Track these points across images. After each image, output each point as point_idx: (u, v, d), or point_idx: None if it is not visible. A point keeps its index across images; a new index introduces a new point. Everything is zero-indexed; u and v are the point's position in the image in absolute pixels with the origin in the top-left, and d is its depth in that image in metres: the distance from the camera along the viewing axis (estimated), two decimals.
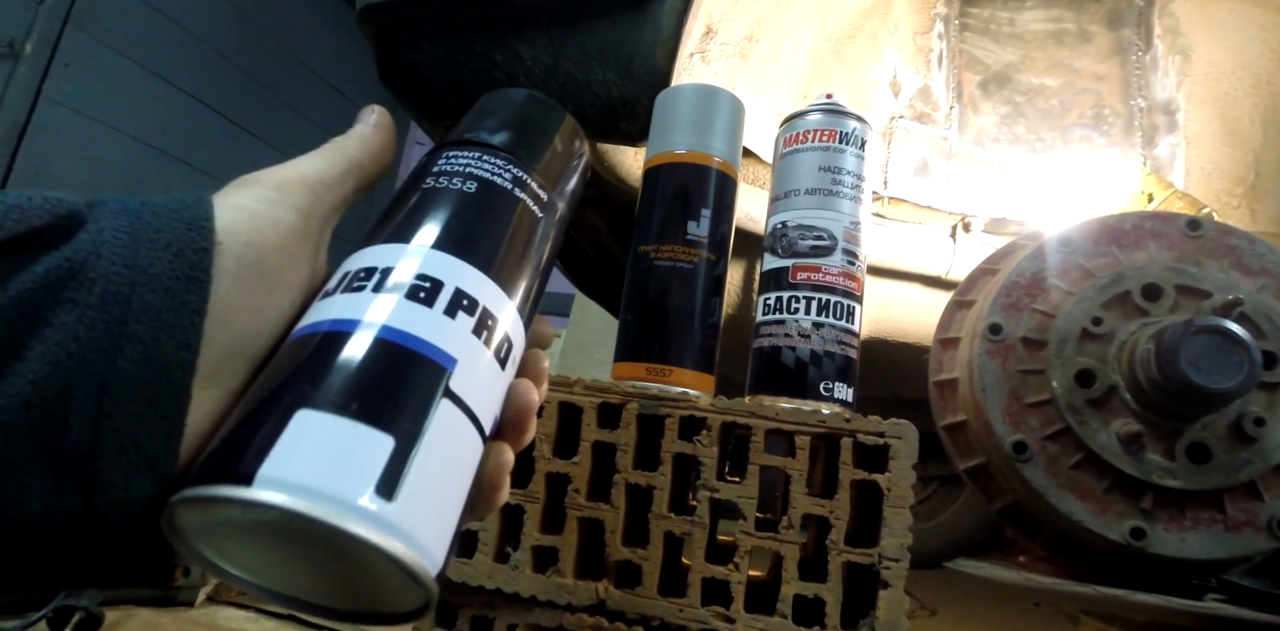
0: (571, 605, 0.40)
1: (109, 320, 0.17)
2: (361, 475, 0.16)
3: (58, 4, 1.71)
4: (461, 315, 0.20)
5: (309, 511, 0.15)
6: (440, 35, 0.64)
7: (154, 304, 0.17)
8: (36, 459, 0.16)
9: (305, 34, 2.47)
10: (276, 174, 0.22)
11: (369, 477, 0.16)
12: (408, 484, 0.17)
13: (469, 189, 0.23)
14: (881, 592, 0.37)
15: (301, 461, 0.16)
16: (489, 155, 0.24)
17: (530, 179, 0.24)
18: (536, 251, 0.24)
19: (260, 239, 0.20)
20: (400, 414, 0.17)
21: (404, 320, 0.19)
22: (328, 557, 0.17)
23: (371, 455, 0.16)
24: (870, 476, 0.39)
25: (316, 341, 0.18)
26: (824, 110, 0.50)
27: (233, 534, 0.17)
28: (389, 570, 0.16)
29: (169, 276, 0.18)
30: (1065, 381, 0.59)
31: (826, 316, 0.46)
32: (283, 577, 0.19)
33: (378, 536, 0.16)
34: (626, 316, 0.46)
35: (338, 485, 0.16)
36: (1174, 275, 0.60)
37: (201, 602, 0.62)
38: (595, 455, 0.42)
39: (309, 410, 0.17)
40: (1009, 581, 1.45)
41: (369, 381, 0.18)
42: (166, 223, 0.19)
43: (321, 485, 0.16)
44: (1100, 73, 0.98)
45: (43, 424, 0.16)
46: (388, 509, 0.16)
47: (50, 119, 1.72)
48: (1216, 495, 0.56)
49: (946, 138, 0.98)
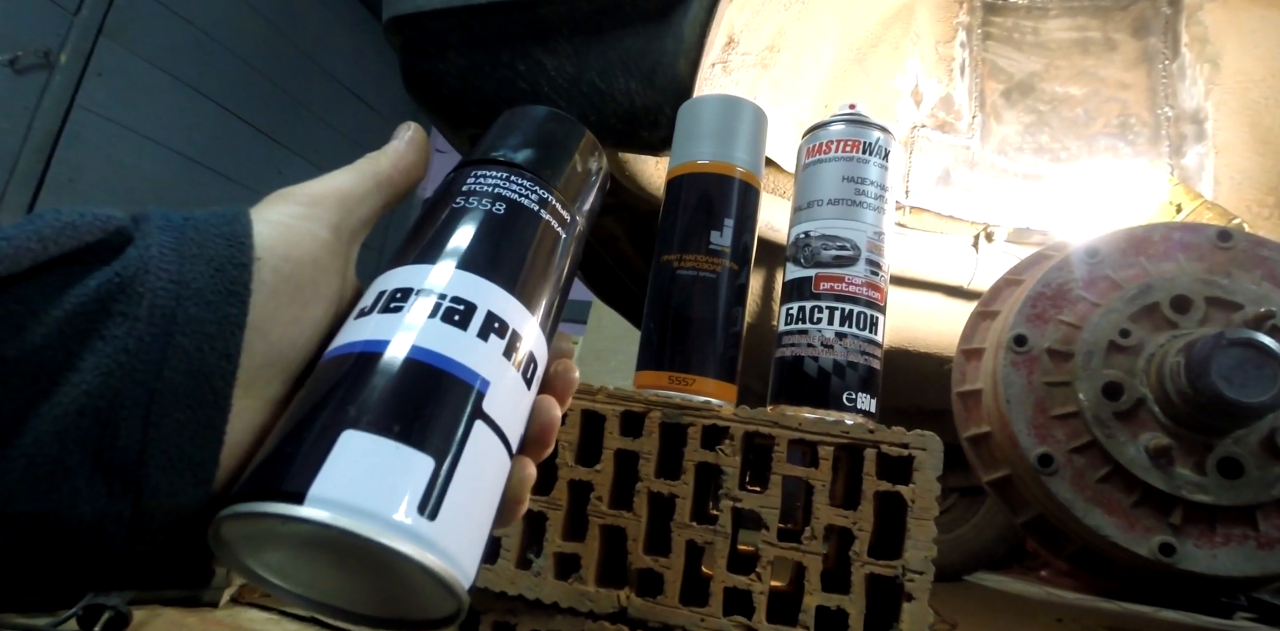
0: (593, 612, 0.40)
1: (156, 333, 0.18)
2: (405, 494, 0.17)
3: (92, 15, 1.76)
4: (493, 337, 0.20)
5: (357, 529, 0.16)
6: (465, 45, 0.65)
7: (197, 317, 0.18)
8: (89, 464, 0.17)
9: (331, 44, 2.51)
10: (310, 189, 0.23)
11: (412, 497, 0.17)
12: (447, 502, 0.17)
13: (498, 211, 0.23)
14: (905, 605, 0.37)
15: (348, 480, 0.17)
16: (516, 175, 0.24)
17: (553, 198, 0.25)
18: (558, 269, 0.25)
19: (295, 254, 0.21)
20: (438, 435, 0.18)
21: (439, 342, 0.19)
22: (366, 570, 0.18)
23: (414, 476, 0.17)
24: (894, 487, 0.39)
25: (353, 361, 0.19)
26: (847, 121, 0.50)
27: (275, 545, 0.18)
28: (426, 582, 0.17)
29: (211, 290, 0.19)
30: (1092, 394, 0.58)
31: (849, 327, 0.45)
32: (319, 585, 0.19)
33: (419, 553, 0.16)
34: (649, 325, 0.46)
35: (383, 504, 0.16)
36: (1204, 287, 0.59)
37: (226, 604, 0.63)
38: (618, 463, 0.42)
39: (354, 431, 0.17)
40: (1031, 596, 1.43)
41: (408, 403, 0.18)
42: (209, 238, 0.20)
43: (368, 504, 0.16)
44: (1126, 81, 0.97)
45: (94, 431, 0.17)
46: (428, 527, 0.17)
47: (83, 127, 1.76)
48: (1249, 511, 0.55)
49: (969, 147, 0.98)
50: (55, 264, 0.18)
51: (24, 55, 1.62)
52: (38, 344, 0.17)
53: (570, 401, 0.26)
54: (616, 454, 0.42)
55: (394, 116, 2.84)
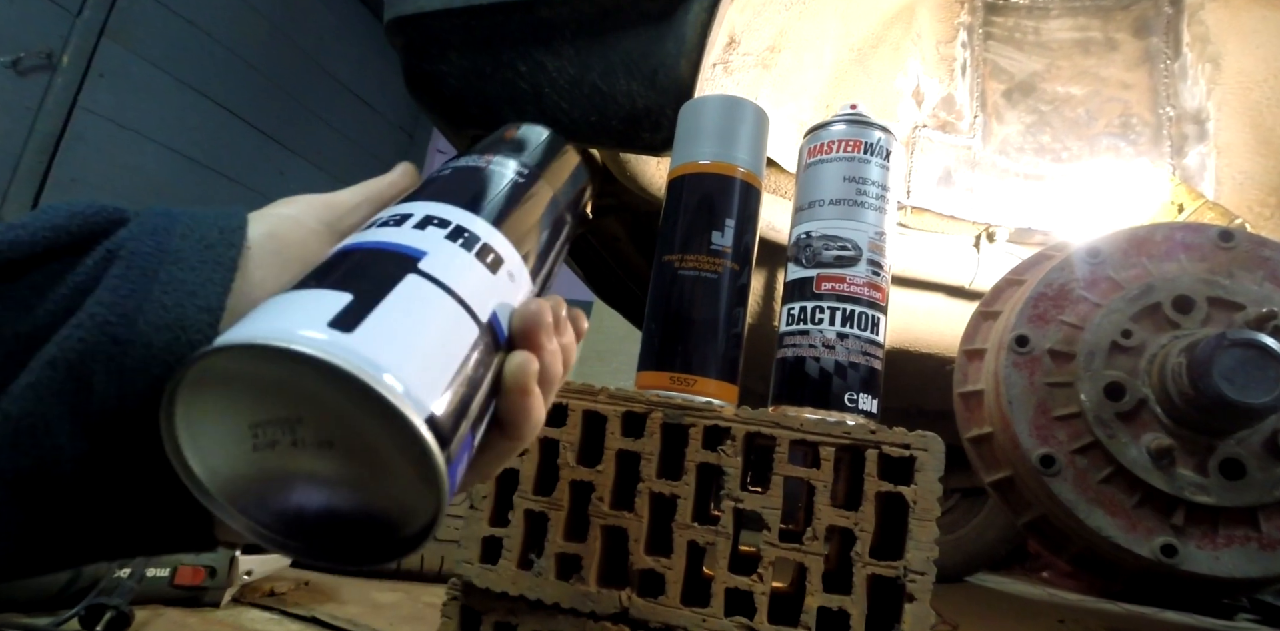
0: (595, 613, 0.40)
1: (133, 288, 0.18)
2: (316, 316, 0.17)
3: (94, 17, 1.76)
4: (432, 228, 0.23)
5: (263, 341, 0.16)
6: (467, 47, 0.65)
7: (180, 278, 0.19)
8: (67, 418, 0.17)
9: (333, 46, 2.51)
10: (308, 197, 0.26)
11: (323, 317, 0.17)
12: (368, 322, 0.17)
13: (444, 173, 0.28)
14: (907, 606, 0.37)
15: (264, 319, 0.17)
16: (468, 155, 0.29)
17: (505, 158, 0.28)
18: (516, 201, 0.27)
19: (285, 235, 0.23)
20: (360, 281, 0.19)
21: (371, 236, 0.22)
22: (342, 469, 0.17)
23: (327, 305, 0.18)
24: (895, 488, 0.38)
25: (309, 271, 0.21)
26: (848, 121, 0.50)
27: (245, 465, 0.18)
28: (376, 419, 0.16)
29: (198, 259, 0.19)
30: (1094, 394, 0.58)
31: (851, 327, 0.45)
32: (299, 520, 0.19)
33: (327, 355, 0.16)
34: (650, 326, 0.46)
35: (292, 324, 0.17)
36: (1206, 287, 0.59)
37: (227, 603, 0.63)
38: (619, 463, 0.42)
39: (278, 293, 0.19)
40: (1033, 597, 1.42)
41: (332, 268, 0.20)
42: (201, 224, 0.21)
43: (277, 326, 0.17)
44: (1128, 81, 0.97)
45: (69, 384, 0.17)
46: (343, 336, 0.17)
47: (85, 128, 1.77)
48: (1251, 512, 0.55)
49: (970, 147, 0.98)
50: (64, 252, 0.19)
51: (27, 56, 1.62)
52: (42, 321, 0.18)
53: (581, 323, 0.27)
54: (618, 454, 0.42)
55: (395, 117, 2.84)
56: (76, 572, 0.54)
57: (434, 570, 0.87)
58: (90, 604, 0.52)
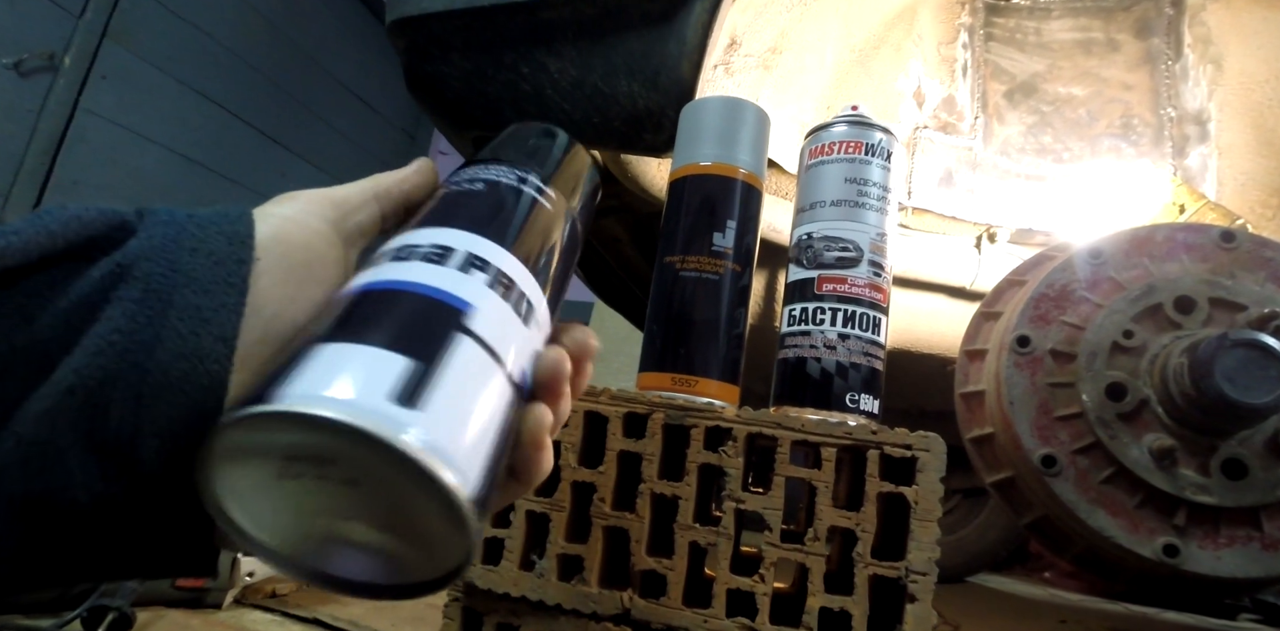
0: (597, 614, 0.40)
1: (151, 315, 0.18)
2: (379, 384, 0.16)
3: (96, 18, 1.76)
4: (475, 271, 0.21)
5: (327, 413, 0.15)
6: (468, 48, 0.65)
7: (194, 303, 0.18)
8: (81, 446, 0.17)
9: (335, 47, 2.52)
10: (312, 192, 0.24)
11: (388, 387, 0.16)
12: (432, 401, 0.17)
13: (476, 188, 0.26)
14: (909, 606, 0.37)
15: (318, 379, 0.16)
16: (494, 164, 0.27)
17: (531, 176, 0.27)
18: (545, 234, 0.26)
19: (291, 239, 0.22)
20: (414, 340, 0.18)
21: (415, 274, 0.20)
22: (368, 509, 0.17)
23: (388, 369, 0.17)
24: (897, 489, 0.39)
25: (338, 300, 0.20)
26: (849, 122, 0.50)
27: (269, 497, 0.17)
28: (424, 497, 0.16)
29: (209, 280, 0.19)
30: (1096, 395, 0.58)
31: (852, 328, 0.46)
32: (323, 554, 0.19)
33: (405, 444, 0.15)
34: (652, 327, 0.46)
35: (354, 391, 0.16)
36: (1208, 288, 0.59)
37: (229, 605, 0.63)
38: (621, 464, 0.42)
39: (326, 343, 0.17)
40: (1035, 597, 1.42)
41: (382, 316, 0.19)
42: (210, 235, 0.20)
43: (337, 393, 0.16)
44: (1129, 82, 0.97)
45: (85, 411, 0.17)
46: (407, 413, 0.16)
47: (87, 130, 1.77)
48: (1253, 512, 0.55)
49: (971, 148, 0.98)
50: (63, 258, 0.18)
51: (29, 58, 1.63)
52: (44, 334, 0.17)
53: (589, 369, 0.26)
54: (619, 455, 0.42)
55: (397, 119, 2.84)
56: None
57: None
58: (92, 605, 0.52)
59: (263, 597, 0.67)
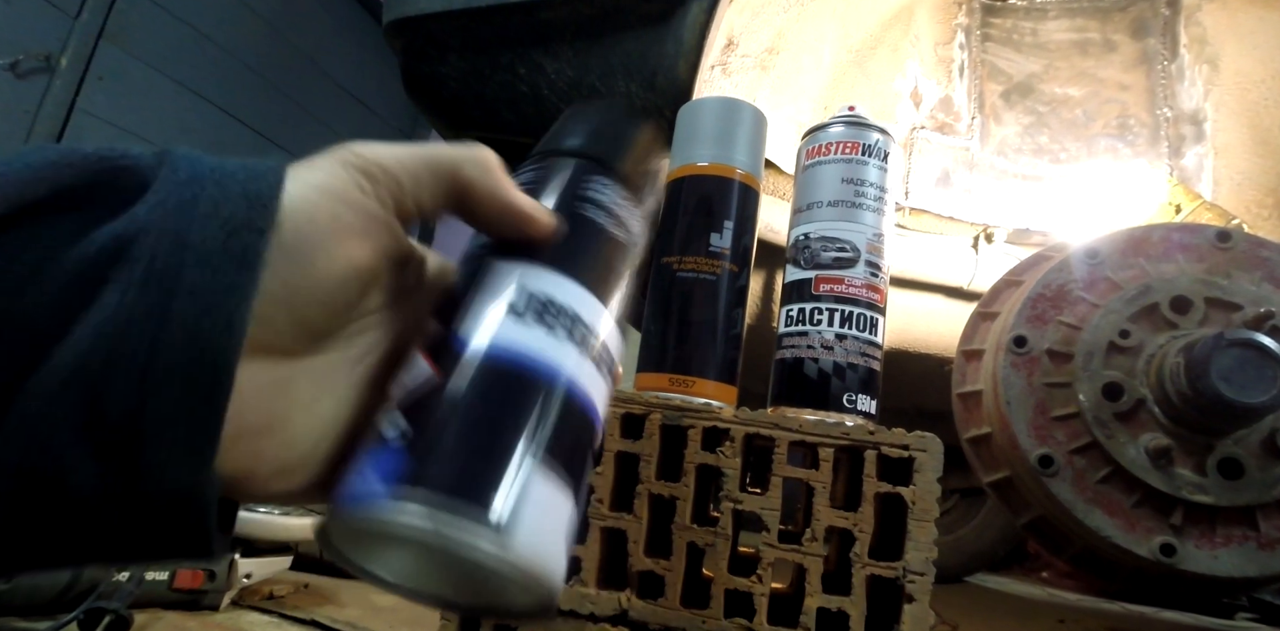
0: (594, 615, 0.40)
1: (154, 300, 0.16)
2: (561, 545, 0.18)
3: (93, 19, 1.76)
4: (604, 369, 0.21)
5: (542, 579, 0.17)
6: (466, 49, 0.65)
7: (200, 283, 0.17)
8: (79, 440, 0.16)
9: (332, 48, 2.51)
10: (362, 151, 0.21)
11: (564, 547, 0.18)
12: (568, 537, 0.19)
13: (619, 236, 0.24)
14: (906, 607, 0.37)
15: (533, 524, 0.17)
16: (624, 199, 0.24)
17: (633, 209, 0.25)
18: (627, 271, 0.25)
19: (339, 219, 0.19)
20: (581, 479, 0.20)
21: (592, 385, 0.20)
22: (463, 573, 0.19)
23: (567, 524, 0.19)
24: (894, 489, 0.39)
25: (523, 378, 0.19)
26: (846, 122, 0.50)
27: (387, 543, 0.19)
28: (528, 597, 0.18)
29: (219, 255, 0.17)
30: (1092, 395, 0.58)
31: (849, 328, 0.46)
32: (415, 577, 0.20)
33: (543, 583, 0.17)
34: (649, 327, 0.46)
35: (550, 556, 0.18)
36: (1203, 288, 0.59)
37: (226, 607, 0.63)
38: (618, 465, 0.42)
39: (537, 465, 0.18)
40: (1032, 597, 1.43)
41: (570, 443, 0.19)
42: (229, 196, 0.18)
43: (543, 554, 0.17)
44: (1125, 82, 0.97)
45: (82, 405, 0.16)
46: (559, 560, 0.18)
47: (84, 131, 1.76)
48: (1249, 512, 0.55)
49: (968, 148, 0.98)
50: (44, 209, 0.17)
51: (25, 59, 1.62)
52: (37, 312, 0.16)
53: None
54: (617, 456, 0.42)
55: (394, 119, 2.84)
56: (75, 576, 0.54)
57: None
58: (89, 607, 0.52)
59: (260, 599, 0.67)
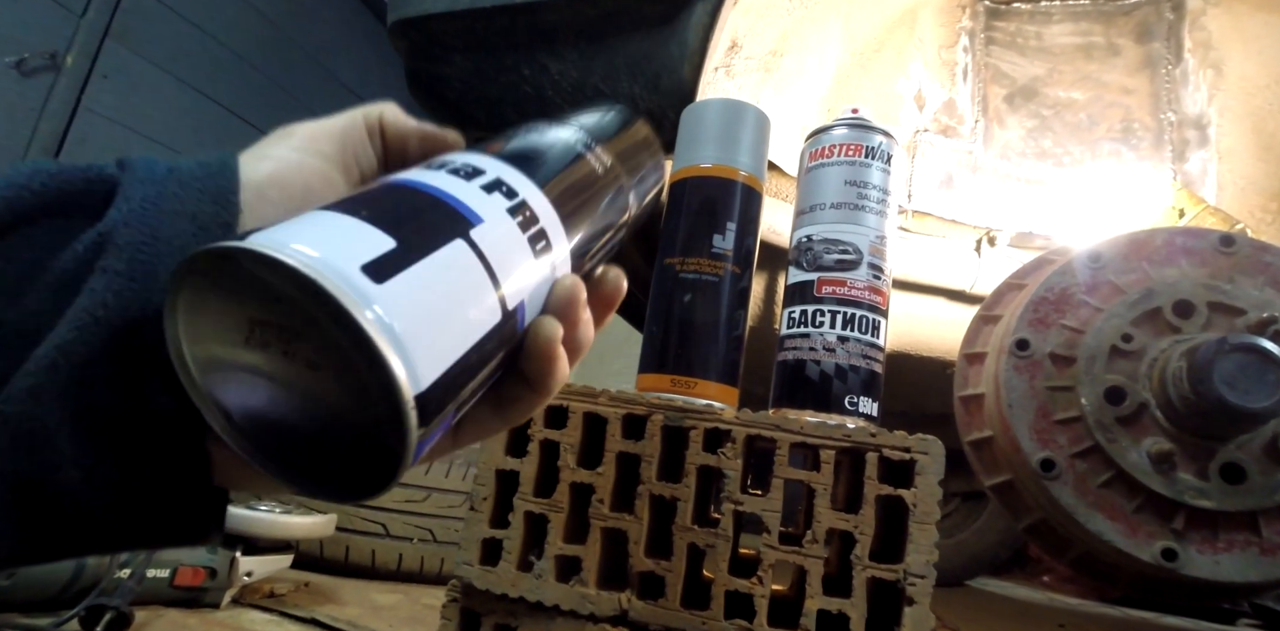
0: (594, 615, 0.40)
1: (135, 288, 0.17)
2: (353, 252, 0.16)
3: (98, 18, 1.77)
4: (497, 195, 0.21)
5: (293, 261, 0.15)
6: (470, 49, 0.65)
7: None
8: (69, 425, 0.16)
9: (336, 47, 2.52)
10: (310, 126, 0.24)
11: (360, 255, 0.16)
12: (400, 279, 0.17)
13: (528, 134, 0.26)
14: (906, 609, 0.37)
15: (300, 233, 0.16)
16: (555, 123, 0.27)
17: (586, 136, 0.26)
18: (587, 193, 0.25)
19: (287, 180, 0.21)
20: (408, 229, 0.18)
21: (439, 182, 0.20)
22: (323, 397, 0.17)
23: (370, 244, 0.17)
24: (896, 491, 0.39)
25: (358, 192, 0.20)
26: (850, 125, 0.50)
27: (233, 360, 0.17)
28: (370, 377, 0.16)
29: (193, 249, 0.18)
30: (1094, 398, 0.58)
31: (851, 330, 0.46)
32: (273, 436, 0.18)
33: (353, 305, 0.15)
34: (652, 328, 0.46)
35: (327, 251, 0.16)
36: (1207, 292, 0.59)
37: (227, 605, 0.63)
38: (620, 466, 0.42)
39: (323, 210, 0.18)
40: (1033, 601, 1.42)
41: (387, 203, 0.19)
42: (191, 194, 0.19)
43: (312, 250, 0.16)
44: (1129, 86, 0.97)
45: (71, 389, 0.16)
46: (371, 287, 0.16)
47: (89, 129, 1.77)
48: (1251, 517, 0.55)
49: (972, 151, 0.98)
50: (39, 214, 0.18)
51: (30, 57, 1.63)
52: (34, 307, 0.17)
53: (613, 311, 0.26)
54: (618, 456, 0.42)
55: None
56: (77, 573, 0.54)
57: (434, 572, 0.87)
58: (90, 604, 0.52)
59: (260, 597, 0.67)
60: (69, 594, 0.54)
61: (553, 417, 0.43)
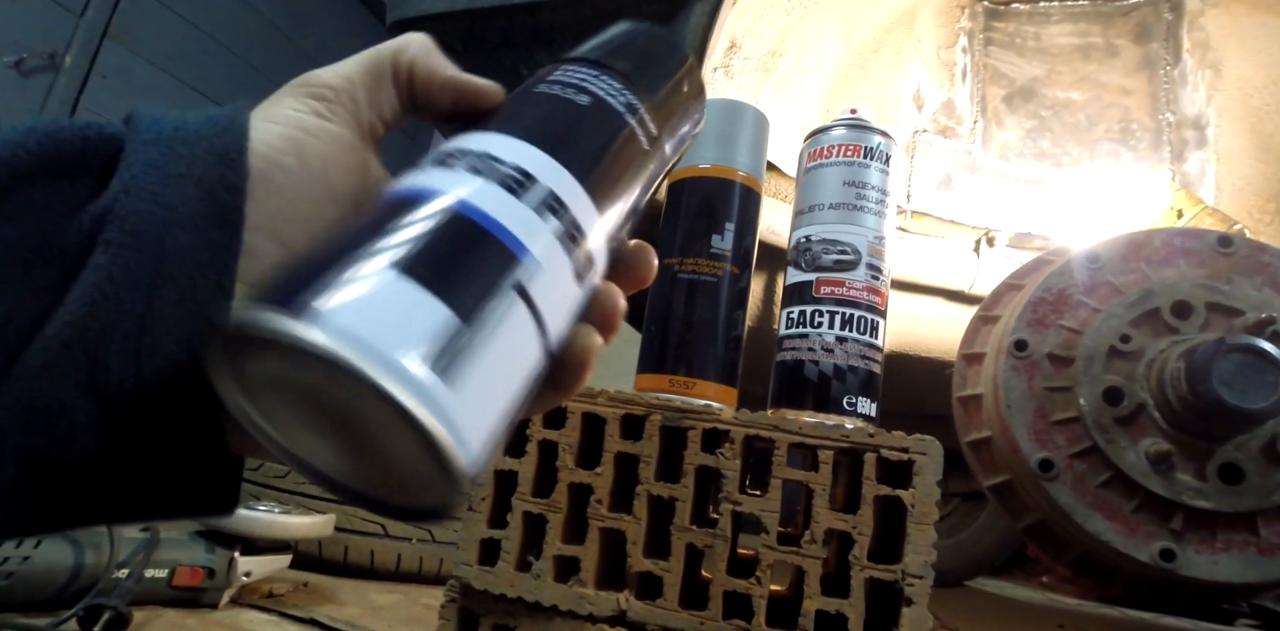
0: (593, 615, 0.40)
1: (144, 261, 0.17)
2: (418, 341, 0.15)
3: (97, 18, 1.77)
4: (550, 217, 0.19)
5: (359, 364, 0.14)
6: (469, 50, 0.65)
7: (187, 244, 0.17)
8: (84, 399, 0.16)
9: (335, 48, 2.52)
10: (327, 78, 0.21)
11: (426, 347, 0.15)
12: (463, 367, 0.15)
13: (582, 101, 0.22)
14: (905, 610, 0.37)
15: (360, 312, 0.15)
16: (607, 76, 0.23)
17: (642, 109, 0.23)
18: (633, 181, 0.23)
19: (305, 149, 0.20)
20: (467, 294, 0.16)
21: (491, 203, 0.18)
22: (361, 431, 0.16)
23: (432, 326, 0.15)
24: (894, 492, 0.39)
25: (392, 202, 0.18)
26: (848, 125, 0.50)
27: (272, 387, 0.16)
28: (422, 455, 0.15)
29: (201, 216, 0.17)
30: (1093, 399, 0.58)
31: (850, 331, 0.46)
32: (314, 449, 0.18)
33: (420, 407, 0.14)
34: (650, 329, 0.46)
35: (391, 342, 0.14)
36: (1205, 292, 0.59)
37: (225, 605, 0.63)
38: (618, 466, 0.42)
39: (380, 267, 0.16)
40: (1032, 601, 1.42)
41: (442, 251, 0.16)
42: (198, 154, 0.18)
43: (375, 338, 0.14)
44: (1128, 87, 0.98)
45: (85, 364, 0.16)
46: (436, 382, 0.15)
47: None
48: (1250, 517, 0.55)
49: (970, 152, 0.98)
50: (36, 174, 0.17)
51: (29, 57, 1.63)
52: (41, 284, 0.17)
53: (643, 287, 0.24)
54: (617, 457, 0.42)
55: None
56: (75, 574, 0.54)
57: (433, 572, 0.87)
58: (88, 604, 0.52)
59: (259, 597, 0.67)
60: (67, 594, 0.54)
61: (551, 418, 0.43)
